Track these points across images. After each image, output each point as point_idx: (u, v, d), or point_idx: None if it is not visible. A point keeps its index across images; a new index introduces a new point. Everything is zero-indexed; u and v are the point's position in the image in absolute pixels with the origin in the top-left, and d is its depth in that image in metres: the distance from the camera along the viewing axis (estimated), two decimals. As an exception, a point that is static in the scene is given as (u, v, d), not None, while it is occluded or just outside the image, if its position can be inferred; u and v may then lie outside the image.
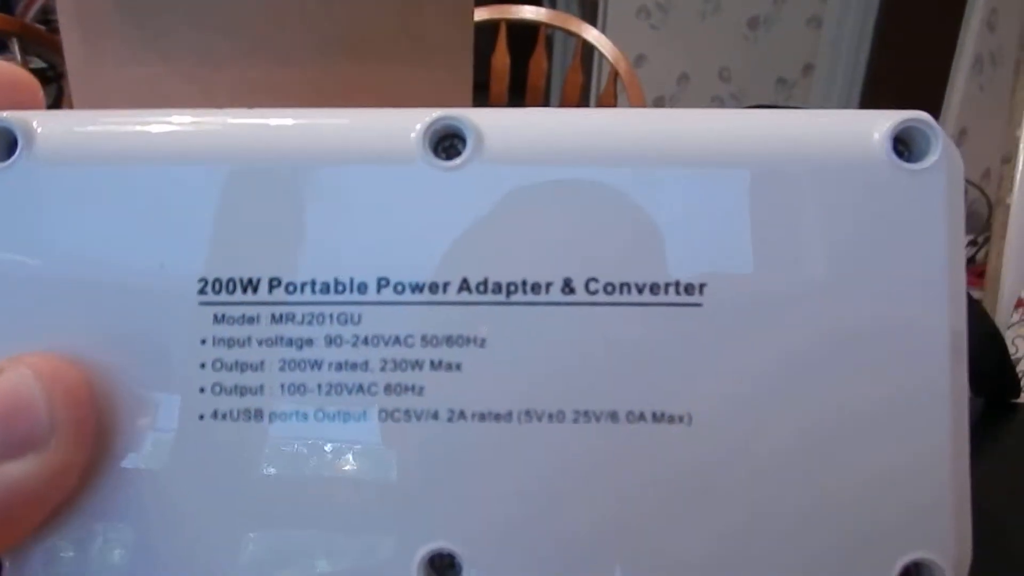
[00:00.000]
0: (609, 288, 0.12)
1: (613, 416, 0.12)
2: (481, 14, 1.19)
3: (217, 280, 0.12)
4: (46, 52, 1.25)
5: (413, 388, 0.12)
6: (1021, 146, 1.18)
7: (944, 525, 0.12)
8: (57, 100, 1.71)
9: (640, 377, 0.12)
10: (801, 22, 2.63)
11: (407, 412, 0.12)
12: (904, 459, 0.12)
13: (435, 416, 0.12)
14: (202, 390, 0.12)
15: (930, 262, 0.12)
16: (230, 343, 0.12)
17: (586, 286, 0.12)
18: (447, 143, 0.12)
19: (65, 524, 0.11)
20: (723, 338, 0.12)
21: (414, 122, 0.12)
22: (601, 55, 1.23)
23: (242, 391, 0.12)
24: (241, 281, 0.12)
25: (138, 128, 0.12)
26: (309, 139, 0.12)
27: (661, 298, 0.12)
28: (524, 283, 0.12)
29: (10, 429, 0.10)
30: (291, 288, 0.12)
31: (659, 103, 2.70)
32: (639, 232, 0.12)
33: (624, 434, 0.12)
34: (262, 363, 0.12)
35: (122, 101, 0.72)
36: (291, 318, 0.12)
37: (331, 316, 0.12)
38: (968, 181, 1.91)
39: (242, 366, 0.12)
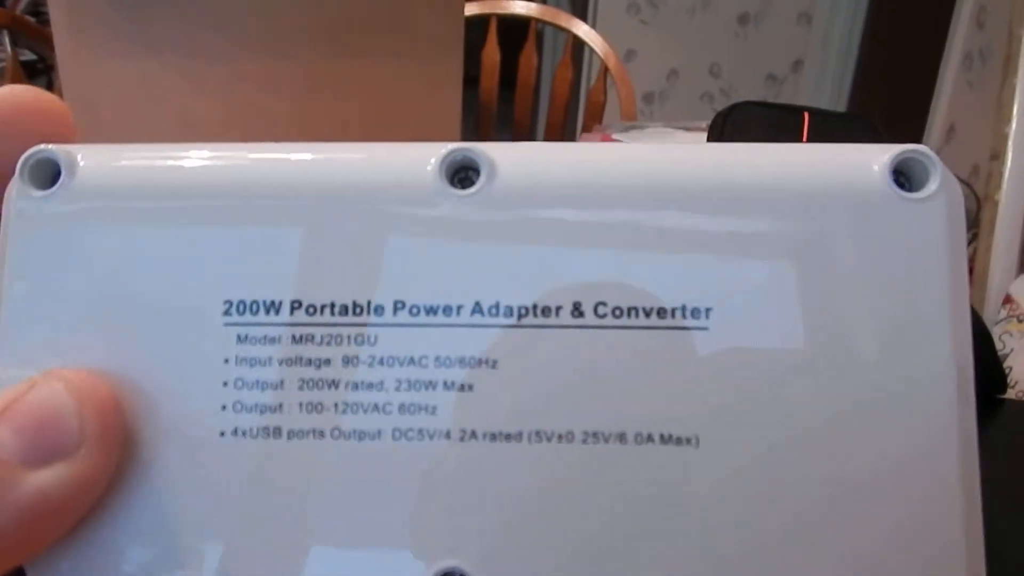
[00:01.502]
0: (617, 312, 0.13)
1: (622, 437, 0.12)
2: (471, 8, 1.19)
3: (241, 302, 0.13)
4: (36, 44, 1.24)
5: (426, 408, 0.12)
6: (1010, 143, 1.18)
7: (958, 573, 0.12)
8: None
9: (648, 398, 0.12)
10: (791, 18, 2.63)
11: (420, 431, 0.12)
12: (913, 506, 0.12)
13: (447, 435, 0.12)
14: (224, 407, 0.13)
15: (933, 291, 0.12)
16: (252, 363, 0.13)
17: (595, 310, 0.13)
18: (462, 174, 0.13)
19: (88, 534, 0.12)
20: (729, 360, 0.12)
21: (430, 155, 0.13)
22: (591, 50, 1.23)
23: (262, 409, 0.12)
24: (264, 303, 0.13)
25: (170, 163, 0.13)
26: (331, 171, 0.13)
27: (668, 321, 0.13)
28: (535, 307, 0.13)
29: (41, 438, 0.10)
30: (311, 310, 0.13)
31: (649, 99, 2.70)
32: (646, 259, 0.13)
33: (632, 455, 0.12)
34: (282, 382, 0.13)
35: (112, 94, 0.71)
36: (311, 339, 0.13)
37: (349, 337, 0.13)
38: (957, 178, 1.89)
39: (262, 385, 0.13)
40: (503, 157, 0.13)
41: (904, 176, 0.13)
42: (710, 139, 0.50)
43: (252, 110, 0.83)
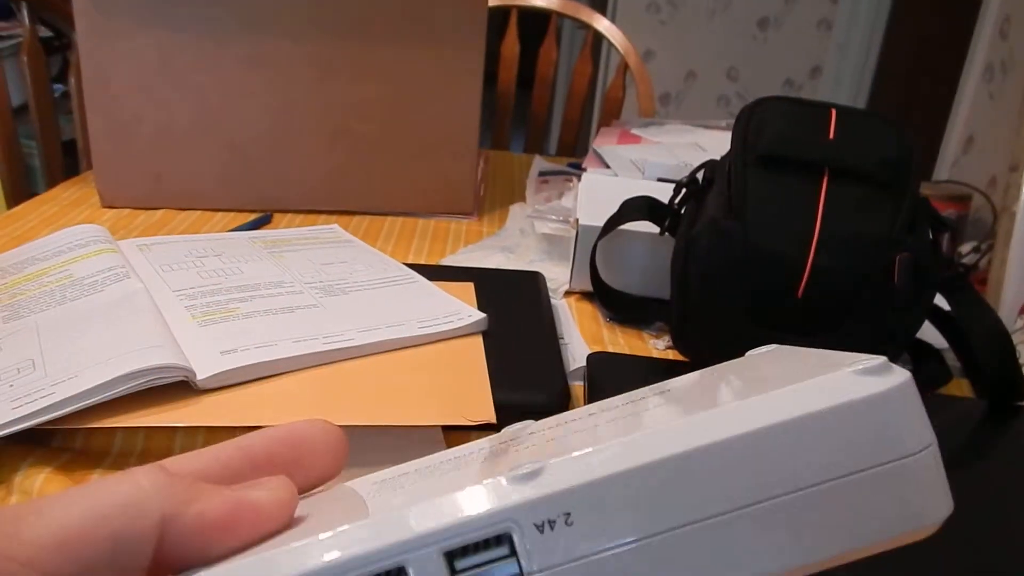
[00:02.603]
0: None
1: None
2: (492, 0, 1.19)
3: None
4: (54, 20, 1.24)
5: None
6: (1029, 154, 1.17)
7: None
8: (63, 70, 1.70)
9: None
10: (811, 24, 2.62)
11: None
12: None
13: None
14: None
15: None
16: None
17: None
18: None
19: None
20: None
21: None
22: (611, 46, 1.22)
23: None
24: None
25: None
26: None
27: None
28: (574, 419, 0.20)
29: (255, 483, 0.19)
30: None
31: (665, 100, 2.69)
32: None
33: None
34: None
35: (130, 71, 0.72)
36: None
37: None
38: (974, 188, 1.91)
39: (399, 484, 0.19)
40: None
41: None
42: (735, 133, 0.49)
43: (268, 90, 0.82)
